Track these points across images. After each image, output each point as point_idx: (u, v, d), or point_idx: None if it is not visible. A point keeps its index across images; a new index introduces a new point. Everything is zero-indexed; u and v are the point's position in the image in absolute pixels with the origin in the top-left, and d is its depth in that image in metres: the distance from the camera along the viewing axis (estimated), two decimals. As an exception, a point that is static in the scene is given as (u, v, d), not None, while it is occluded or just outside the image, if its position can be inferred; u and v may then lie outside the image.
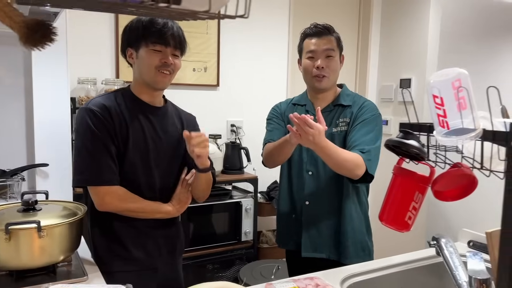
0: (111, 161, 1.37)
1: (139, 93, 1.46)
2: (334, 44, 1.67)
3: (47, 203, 1.53)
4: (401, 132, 1.00)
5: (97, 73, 2.58)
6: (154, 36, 1.37)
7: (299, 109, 1.77)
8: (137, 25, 1.40)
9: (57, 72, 2.05)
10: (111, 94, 1.46)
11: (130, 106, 1.43)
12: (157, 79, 1.40)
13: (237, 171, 2.85)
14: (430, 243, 1.33)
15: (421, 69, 3.19)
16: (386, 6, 3.50)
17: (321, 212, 1.71)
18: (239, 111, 3.10)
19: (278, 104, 1.89)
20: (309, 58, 1.68)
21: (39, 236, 1.25)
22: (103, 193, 1.37)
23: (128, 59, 1.45)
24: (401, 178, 1.03)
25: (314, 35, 1.68)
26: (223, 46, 3.01)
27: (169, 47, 1.39)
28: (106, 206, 1.39)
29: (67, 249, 1.36)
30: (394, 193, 1.04)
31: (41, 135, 2.03)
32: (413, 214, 1.02)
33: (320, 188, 1.70)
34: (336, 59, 1.68)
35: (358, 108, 1.68)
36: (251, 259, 2.78)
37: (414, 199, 1.01)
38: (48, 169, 2.04)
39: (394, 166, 1.06)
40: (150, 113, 1.46)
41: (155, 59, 1.38)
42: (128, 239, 1.44)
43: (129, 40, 1.43)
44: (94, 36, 2.62)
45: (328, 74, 1.66)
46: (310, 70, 1.68)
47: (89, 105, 1.39)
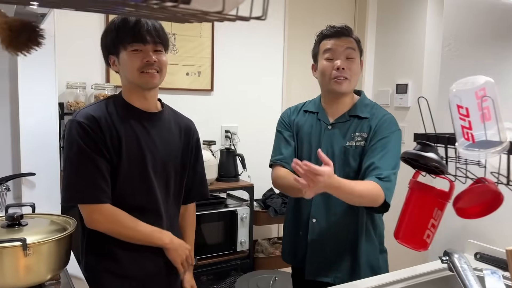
0: (99, 177, 1.28)
1: (130, 99, 1.37)
2: (354, 46, 1.52)
3: (33, 216, 1.43)
4: (418, 144, 0.93)
5: (87, 77, 2.48)
6: (129, 36, 1.28)
7: (310, 117, 1.61)
8: (110, 30, 1.32)
9: (44, 75, 1.94)
10: (102, 103, 1.37)
11: (122, 114, 1.34)
12: (143, 80, 1.31)
13: (232, 178, 2.77)
14: (442, 259, 1.26)
15: (418, 74, 3.15)
16: (382, 11, 3.46)
17: (329, 232, 1.54)
18: (234, 117, 3.02)
19: (287, 110, 1.71)
20: (328, 60, 1.51)
21: (25, 255, 1.16)
22: (90, 211, 1.30)
23: (112, 67, 1.37)
24: (419, 193, 0.96)
25: (332, 36, 1.52)
26: (217, 50, 2.94)
27: (148, 44, 1.29)
28: (94, 225, 1.31)
29: (56, 267, 1.27)
30: (411, 209, 0.97)
31: (27, 143, 1.92)
32: (431, 232, 0.95)
33: (329, 206, 1.53)
34: (356, 61, 1.52)
35: (377, 122, 1.51)
36: (247, 269, 2.69)
37: (433, 216, 0.94)
38: (35, 178, 1.92)
39: (410, 180, 1.00)
40: (145, 120, 1.36)
41: (136, 61, 1.29)
42: (124, 255, 1.34)
43: (107, 48, 1.35)
44: (83, 39, 2.52)
45: (350, 76, 1.50)
46: (328, 72, 1.51)
47: (76, 117, 1.30)
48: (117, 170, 1.31)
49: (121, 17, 1.30)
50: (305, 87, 3.40)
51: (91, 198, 1.27)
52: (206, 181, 1.57)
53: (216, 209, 2.60)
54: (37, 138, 1.92)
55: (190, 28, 2.78)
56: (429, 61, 3.12)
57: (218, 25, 2.91)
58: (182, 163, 1.45)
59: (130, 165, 1.32)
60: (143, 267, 1.37)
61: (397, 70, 3.26)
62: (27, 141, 1.91)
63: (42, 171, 1.93)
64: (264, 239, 3.02)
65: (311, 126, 1.59)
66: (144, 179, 1.34)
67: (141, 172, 1.34)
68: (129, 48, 1.29)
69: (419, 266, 1.52)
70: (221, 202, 2.66)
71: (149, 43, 1.29)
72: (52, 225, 1.35)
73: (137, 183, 1.33)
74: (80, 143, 1.26)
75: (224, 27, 2.95)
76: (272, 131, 3.28)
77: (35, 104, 1.92)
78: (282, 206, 2.79)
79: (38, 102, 1.92)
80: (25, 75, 1.89)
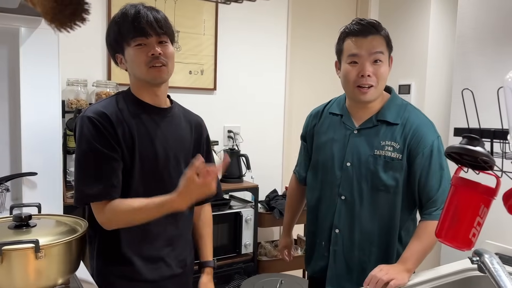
0: (113, 175, 1.21)
1: (140, 95, 1.30)
2: (383, 45, 1.36)
3: (39, 217, 1.35)
4: (465, 137, 0.89)
5: (88, 74, 2.40)
6: (130, 31, 1.21)
7: (335, 119, 1.50)
8: (112, 27, 1.26)
9: (47, 71, 1.86)
10: (112, 99, 1.30)
11: (133, 111, 1.27)
12: (151, 75, 1.24)
13: (236, 179, 2.70)
14: (472, 259, 1.21)
15: (421, 75, 3.13)
16: (384, 10, 3.44)
17: (355, 245, 1.44)
18: (237, 116, 2.96)
19: (310, 114, 1.62)
20: (352, 64, 1.36)
21: (36, 257, 1.08)
22: (101, 209, 1.21)
23: (121, 66, 1.31)
24: (463, 190, 0.91)
25: (358, 34, 1.35)
26: (220, 48, 2.88)
27: (151, 37, 1.22)
28: (112, 224, 1.23)
29: (67, 271, 1.19)
30: (455, 207, 0.92)
31: (28, 141, 1.83)
32: (477, 231, 0.90)
33: (355, 217, 1.42)
34: (385, 64, 1.37)
35: (412, 131, 1.37)
36: (251, 273, 2.63)
37: (479, 214, 0.89)
38: (36, 178, 1.84)
39: (453, 177, 0.95)
40: (156, 116, 1.30)
41: (141, 56, 1.22)
42: (138, 260, 1.27)
43: (112, 47, 1.29)
44: (85, 34, 2.43)
45: (376, 83, 1.35)
46: (352, 79, 1.36)
47: (86, 113, 1.23)
48: (131, 169, 1.24)
49: (121, 11, 1.24)
50: (309, 86, 3.37)
51: (105, 195, 1.20)
52: (219, 180, 1.51)
53: (221, 210, 2.53)
54: (39, 136, 1.83)
55: (193, 26, 2.71)
56: (433, 62, 3.11)
57: (221, 22, 2.85)
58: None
59: (144, 163, 1.25)
60: (159, 271, 1.30)
61: (399, 71, 3.24)
62: (29, 140, 1.83)
63: (44, 171, 1.84)
64: (267, 242, 2.96)
65: (334, 131, 1.48)
66: (159, 178, 1.28)
67: (155, 170, 1.27)
68: (132, 43, 1.22)
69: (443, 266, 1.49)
70: (225, 204, 2.60)
71: (151, 36, 1.22)
72: (62, 226, 1.27)
73: (151, 182, 1.27)
74: (90, 140, 1.19)
75: (228, 24, 2.89)
76: (274, 131, 3.24)
77: (38, 101, 1.84)
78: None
79: (40, 99, 1.84)
80: (27, 70, 1.81)
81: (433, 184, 1.36)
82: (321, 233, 1.51)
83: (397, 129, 1.38)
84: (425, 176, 1.36)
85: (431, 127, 1.41)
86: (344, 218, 1.44)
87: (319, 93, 3.38)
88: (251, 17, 3.00)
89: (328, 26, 3.38)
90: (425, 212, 1.37)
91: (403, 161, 1.37)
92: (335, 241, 1.46)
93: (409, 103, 1.47)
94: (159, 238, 1.30)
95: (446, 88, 3.18)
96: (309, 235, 1.60)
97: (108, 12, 2.47)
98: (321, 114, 1.56)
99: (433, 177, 1.36)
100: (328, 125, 1.51)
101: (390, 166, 1.37)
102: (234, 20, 2.93)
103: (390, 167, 1.37)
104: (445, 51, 3.15)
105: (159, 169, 1.27)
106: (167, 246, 1.32)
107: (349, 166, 1.42)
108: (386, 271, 1.24)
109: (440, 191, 1.35)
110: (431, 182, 1.36)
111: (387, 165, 1.37)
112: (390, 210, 1.40)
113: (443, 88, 3.18)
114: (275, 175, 3.17)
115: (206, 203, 1.49)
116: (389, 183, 1.37)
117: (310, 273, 1.60)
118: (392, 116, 1.40)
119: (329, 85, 3.30)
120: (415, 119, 1.40)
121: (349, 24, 1.40)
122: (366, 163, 1.40)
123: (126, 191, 1.24)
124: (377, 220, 1.41)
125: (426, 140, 1.36)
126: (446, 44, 3.15)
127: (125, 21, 1.22)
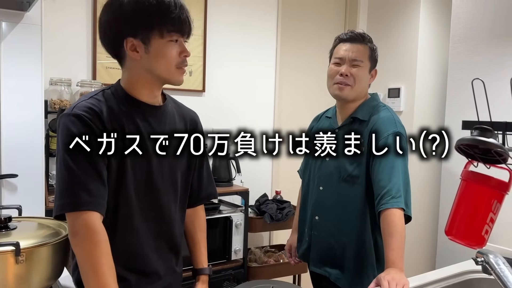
0: (96, 180, 1.05)
1: (136, 92, 1.15)
2: (365, 54, 1.54)
3: (20, 220, 1.27)
4: (476, 129, 0.84)
5: (72, 74, 2.31)
6: (170, 23, 1.07)
7: (328, 122, 1.68)
8: (143, 6, 1.05)
9: (29, 69, 1.78)
10: (99, 95, 1.14)
11: (125, 109, 1.13)
12: (178, 77, 1.14)
13: (225, 183, 2.63)
14: (477, 260, 1.17)
15: (411, 78, 3.12)
16: (372, 14, 3.44)
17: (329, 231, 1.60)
18: (226, 119, 2.90)
19: (315, 117, 1.81)
20: (335, 64, 1.56)
21: (17, 262, 1.00)
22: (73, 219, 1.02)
23: (129, 52, 1.09)
24: (474, 184, 0.87)
25: (347, 41, 1.56)
26: (209, 48, 2.82)
27: (185, 37, 1.11)
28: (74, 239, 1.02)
29: (49, 277, 1.12)
30: (466, 203, 0.87)
31: (9, 141, 1.74)
32: (489, 227, 0.86)
33: (328, 205, 1.60)
34: (364, 69, 1.54)
35: (373, 125, 1.50)
36: (241, 279, 2.55)
37: (492, 209, 0.84)
38: (16, 180, 1.75)
39: (463, 171, 0.90)
40: (150, 115, 1.17)
41: (174, 54, 1.09)
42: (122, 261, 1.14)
43: (131, 26, 1.07)
44: (69, 32, 2.35)
45: (352, 83, 1.53)
46: (333, 76, 1.56)
47: (73, 110, 1.07)
48: (122, 171, 1.11)
49: None
50: (298, 89, 3.33)
51: (82, 204, 1.02)
52: (213, 180, 1.43)
53: (210, 215, 2.44)
54: (20, 136, 1.75)
55: (182, 26, 2.65)
56: (422, 65, 3.10)
57: (210, 23, 2.80)
58: (188, 163, 1.28)
59: (135, 166, 1.14)
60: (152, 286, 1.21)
61: (389, 75, 3.23)
62: (9, 140, 1.73)
63: (25, 173, 1.75)
64: (257, 247, 2.89)
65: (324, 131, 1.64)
66: (151, 182, 1.17)
67: (148, 172, 1.16)
68: (167, 36, 1.08)
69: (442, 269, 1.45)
70: (214, 208, 2.52)
71: (186, 35, 1.11)
72: (44, 229, 1.20)
73: (143, 186, 1.16)
74: (79, 140, 1.04)
75: (217, 25, 2.84)
76: (263, 134, 3.15)
77: (19, 100, 1.75)
78: (278, 212, 2.68)
79: (22, 98, 1.76)
80: (8, 67, 1.72)
81: (384, 176, 1.41)
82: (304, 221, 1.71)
83: (364, 124, 1.53)
84: (377, 167, 1.43)
85: (391, 121, 1.49)
86: (321, 207, 1.61)
87: (308, 97, 3.35)
88: (241, 17, 2.96)
89: (315, 29, 3.36)
90: (382, 202, 1.40)
91: (365, 154, 1.49)
92: (314, 226, 1.64)
93: (385, 105, 1.59)
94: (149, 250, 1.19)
95: (436, 91, 3.17)
96: (300, 223, 1.75)
97: (93, 12, 2.39)
98: (320, 118, 1.76)
99: (385, 168, 1.42)
100: (322, 126, 1.69)
101: (355, 159, 1.50)
102: (223, 22, 2.88)
103: (355, 160, 1.50)
104: (435, 54, 3.16)
105: (152, 172, 1.16)
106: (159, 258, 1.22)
107: (327, 161, 1.59)
108: (395, 281, 1.21)
109: (391, 183, 1.39)
110: (382, 173, 1.42)
111: (352, 157, 1.51)
112: (356, 199, 1.52)
113: (433, 91, 3.18)
114: (265, 179, 3.11)
115: (199, 204, 1.40)
116: (354, 174, 1.51)
117: (299, 257, 1.76)
118: (363, 114, 1.55)
119: (317, 89, 3.28)
120: (381, 115, 1.52)
121: (342, 33, 1.60)
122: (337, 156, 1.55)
123: (117, 195, 1.12)
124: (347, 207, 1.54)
125: (382, 132, 1.46)
126: (436, 47, 3.15)
127: (162, 4, 1.06)
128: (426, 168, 3.08)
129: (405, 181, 1.40)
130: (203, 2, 2.73)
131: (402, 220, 1.35)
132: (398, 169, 1.41)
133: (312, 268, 1.67)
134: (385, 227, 1.36)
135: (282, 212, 2.70)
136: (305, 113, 2.30)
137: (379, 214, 1.39)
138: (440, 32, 3.13)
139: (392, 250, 1.32)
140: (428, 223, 3.11)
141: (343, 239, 1.56)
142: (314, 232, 1.64)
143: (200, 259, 1.37)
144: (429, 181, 3.13)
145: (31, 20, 1.75)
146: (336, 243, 1.57)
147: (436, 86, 3.18)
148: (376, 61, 1.60)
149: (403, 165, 1.43)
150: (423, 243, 3.12)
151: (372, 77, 1.60)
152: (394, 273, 1.25)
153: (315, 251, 1.65)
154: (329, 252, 1.60)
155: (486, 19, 1.68)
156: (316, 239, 1.64)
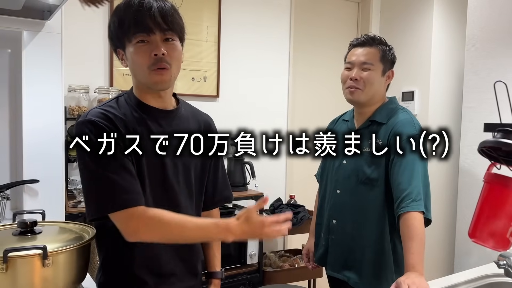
0: (127, 176, 1.07)
1: (144, 97, 1.17)
2: (375, 56, 1.54)
3: (44, 224, 1.29)
4: (499, 131, 0.84)
5: (90, 81, 2.35)
6: (132, 26, 1.06)
7: (345, 125, 1.68)
8: (113, 19, 1.11)
9: (50, 77, 1.82)
10: (112, 102, 1.17)
11: (137, 115, 1.15)
12: (153, 80, 1.11)
13: (240, 187, 2.64)
14: (499, 263, 1.17)
15: (425, 82, 3.11)
16: (385, 18, 3.44)
17: (347, 235, 1.60)
18: (240, 123, 2.91)
19: (332, 120, 1.82)
20: (347, 69, 1.59)
21: (44, 265, 1.02)
22: (124, 219, 1.06)
23: (122, 63, 1.17)
24: (498, 187, 0.87)
25: (358, 45, 1.58)
26: (223, 54, 2.85)
27: (153, 34, 1.07)
28: (136, 236, 1.07)
29: (74, 280, 1.13)
30: (490, 205, 0.87)
31: (30, 148, 1.77)
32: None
33: (346, 209, 1.60)
34: (375, 72, 1.54)
35: (392, 127, 1.48)
36: (256, 284, 2.55)
37: (517, 212, 0.84)
38: (37, 186, 1.78)
39: (486, 173, 0.90)
40: (162, 120, 1.19)
41: (144, 56, 1.08)
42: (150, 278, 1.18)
43: (113, 41, 1.14)
44: (87, 40, 2.40)
45: (362, 86, 1.53)
46: (344, 81, 1.59)
47: (87, 117, 1.10)
48: (138, 176, 1.12)
49: (125, 0, 1.10)
50: (311, 93, 3.34)
51: (123, 202, 1.06)
52: (229, 183, 1.44)
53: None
54: (41, 142, 1.78)
55: (196, 32, 2.68)
56: (436, 68, 3.09)
57: (224, 29, 2.83)
58: (202, 166, 1.29)
59: (151, 171, 1.15)
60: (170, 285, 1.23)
61: (402, 78, 3.22)
62: (30, 146, 1.77)
63: (46, 178, 1.78)
64: (272, 252, 2.89)
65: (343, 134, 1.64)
66: (167, 187, 1.18)
67: (163, 178, 1.18)
68: (133, 40, 1.07)
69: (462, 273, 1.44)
70: (229, 213, 2.54)
71: (156, 32, 1.07)
72: (68, 233, 1.21)
73: (159, 192, 1.17)
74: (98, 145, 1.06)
75: (231, 31, 2.86)
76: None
77: (40, 106, 1.79)
78: (292, 216, 2.68)
79: (43, 104, 1.79)
80: (30, 75, 1.76)
81: (404, 179, 1.40)
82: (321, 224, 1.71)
83: (383, 127, 1.52)
84: (396, 170, 1.43)
85: (411, 122, 1.48)
86: (339, 210, 1.61)
87: (322, 101, 3.35)
88: (254, 22, 2.98)
89: (328, 32, 3.37)
90: (402, 206, 1.39)
91: (384, 157, 1.48)
92: (333, 230, 1.64)
93: (404, 108, 1.58)
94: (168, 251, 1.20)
95: (451, 94, 3.16)
96: (317, 227, 1.76)
97: (110, 18, 2.44)
98: (337, 121, 1.77)
99: (405, 171, 1.41)
100: (339, 130, 1.69)
101: (373, 161, 1.50)
102: (236, 28, 2.90)
103: (373, 162, 1.50)
104: (448, 56, 3.14)
105: (168, 177, 1.18)
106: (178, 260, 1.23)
107: (345, 164, 1.60)
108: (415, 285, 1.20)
109: (411, 186, 1.38)
110: (402, 176, 1.41)
111: (370, 160, 1.51)
112: (375, 202, 1.51)
113: (448, 93, 3.16)
114: (279, 183, 3.12)
115: (214, 207, 1.41)
116: (373, 176, 1.50)
117: (316, 262, 1.76)
118: (381, 117, 1.55)
119: (331, 93, 3.28)
120: (400, 117, 1.51)
121: (355, 38, 1.61)
122: (355, 159, 1.55)
123: None
124: (366, 211, 1.53)
125: (402, 134, 1.44)
126: (450, 49, 3.14)
127: (127, 12, 1.07)
128: (443, 170, 3.07)
129: (425, 184, 1.40)
130: (217, 9, 2.76)
131: (422, 223, 1.34)
132: (418, 171, 1.40)
133: (330, 273, 1.66)
134: (405, 231, 1.35)
135: (297, 217, 2.70)
136: (319, 118, 2.31)
137: (399, 217, 1.38)
138: (453, 35, 3.12)
139: (412, 254, 1.31)
140: (446, 226, 3.09)
141: (361, 242, 1.55)
142: (332, 236, 1.64)
143: (213, 262, 1.38)
144: (446, 183, 3.10)
145: (52, 29, 1.78)
146: (354, 247, 1.57)
147: (451, 89, 3.16)
148: (391, 62, 1.59)
149: (423, 167, 1.43)
150: (441, 246, 3.10)
151: (388, 78, 1.59)
152: (414, 277, 1.25)
153: (332, 255, 1.64)
154: (347, 256, 1.59)
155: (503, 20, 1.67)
156: (333, 243, 1.64)
